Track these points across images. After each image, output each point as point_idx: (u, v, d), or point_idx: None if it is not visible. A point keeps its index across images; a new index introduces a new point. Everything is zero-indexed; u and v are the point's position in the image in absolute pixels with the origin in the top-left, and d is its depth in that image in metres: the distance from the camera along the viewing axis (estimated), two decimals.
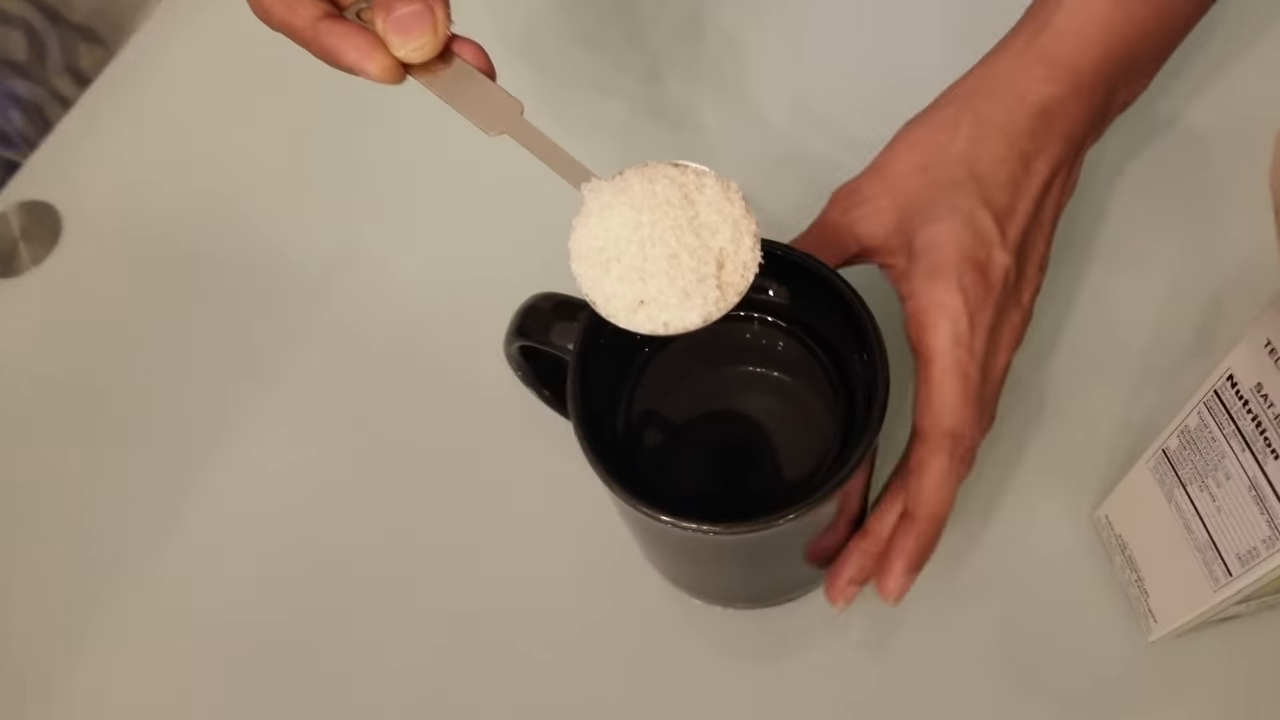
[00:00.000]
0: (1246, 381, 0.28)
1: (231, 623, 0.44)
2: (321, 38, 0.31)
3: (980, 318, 0.35)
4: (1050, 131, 0.37)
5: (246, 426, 0.48)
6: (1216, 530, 0.32)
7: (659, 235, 0.30)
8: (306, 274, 0.50)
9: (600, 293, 0.30)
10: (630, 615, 0.42)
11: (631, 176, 0.31)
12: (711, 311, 0.30)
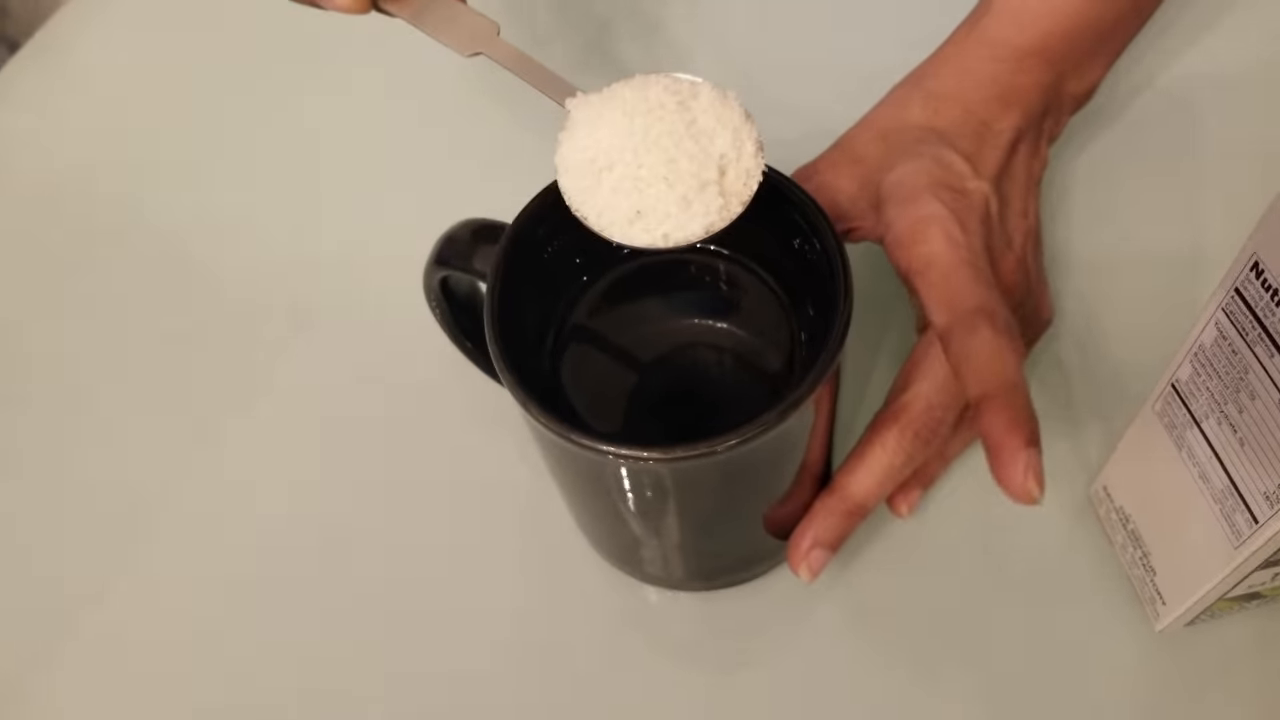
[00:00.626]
0: (1275, 262, 0.24)
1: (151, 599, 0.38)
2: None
3: (971, 228, 0.32)
4: (1004, 103, 0.36)
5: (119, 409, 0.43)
6: (1238, 469, 0.27)
7: (654, 141, 0.27)
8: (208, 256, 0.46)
9: (592, 207, 0.28)
10: (569, 603, 0.37)
11: (620, 87, 0.28)
12: (715, 221, 0.27)
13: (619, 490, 0.30)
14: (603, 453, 0.27)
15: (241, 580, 0.38)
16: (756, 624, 0.36)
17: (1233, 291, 0.25)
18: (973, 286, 0.30)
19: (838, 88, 0.40)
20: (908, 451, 0.32)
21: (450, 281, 0.34)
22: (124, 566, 0.38)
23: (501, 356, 0.28)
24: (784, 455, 0.29)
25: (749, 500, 0.31)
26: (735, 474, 0.29)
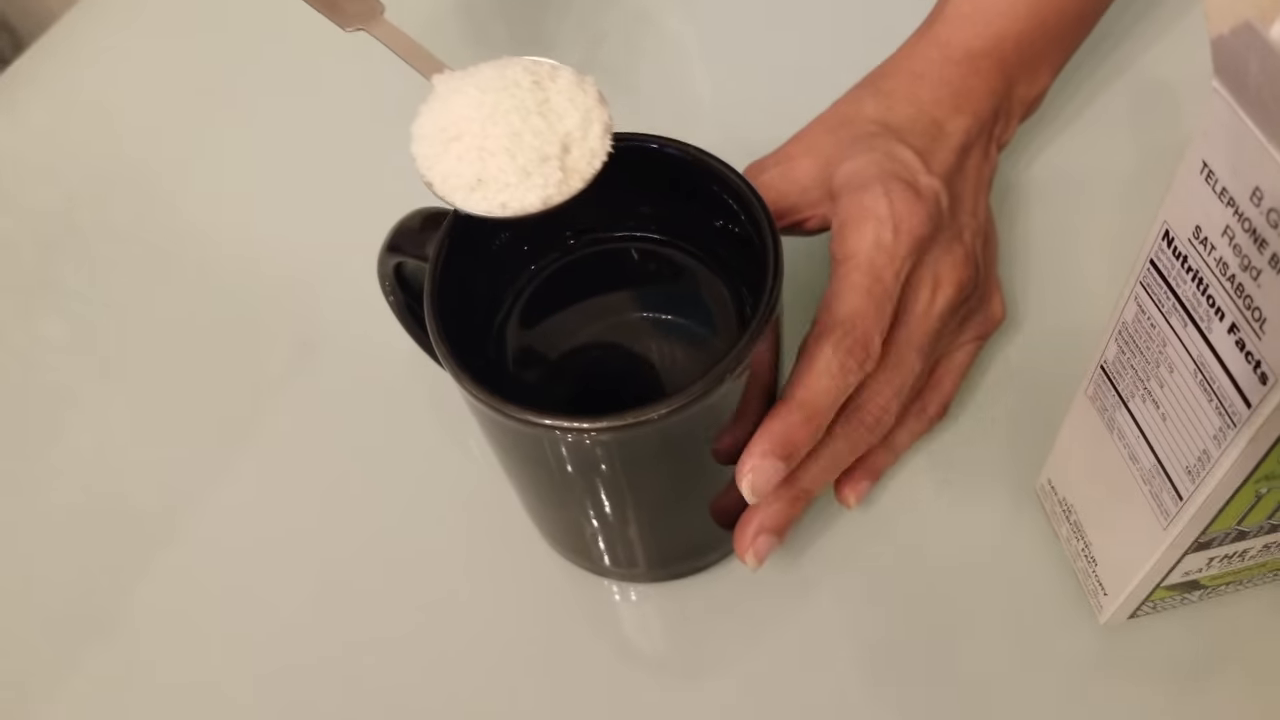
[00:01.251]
0: (1183, 230, 0.24)
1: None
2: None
3: (907, 225, 0.32)
4: (956, 104, 0.37)
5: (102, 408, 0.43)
6: (1162, 446, 0.27)
7: (502, 115, 0.28)
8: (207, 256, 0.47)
9: (437, 172, 0.29)
10: (523, 598, 0.37)
11: (484, 66, 0.29)
12: (552, 195, 0.28)
13: (560, 469, 0.30)
14: (536, 425, 0.27)
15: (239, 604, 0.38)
16: (709, 617, 0.35)
17: (1148, 264, 0.26)
18: (853, 297, 0.31)
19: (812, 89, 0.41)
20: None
21: (405, 271, 0.35)
22: (125, 590, 0.38)
23: (439, 333, 0.29)
24: (721, 428, 0.30)
25: (690, 479, 0.31)
26: (672, 447, 0.29)
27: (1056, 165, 0.44)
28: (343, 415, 0.41)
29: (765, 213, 0.29)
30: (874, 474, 0.36)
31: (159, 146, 0.51)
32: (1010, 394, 0.39)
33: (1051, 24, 0.39)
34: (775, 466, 0.30)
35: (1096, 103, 0.45)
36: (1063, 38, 0.39)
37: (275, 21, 0.54)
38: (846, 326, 0.30)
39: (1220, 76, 0.21)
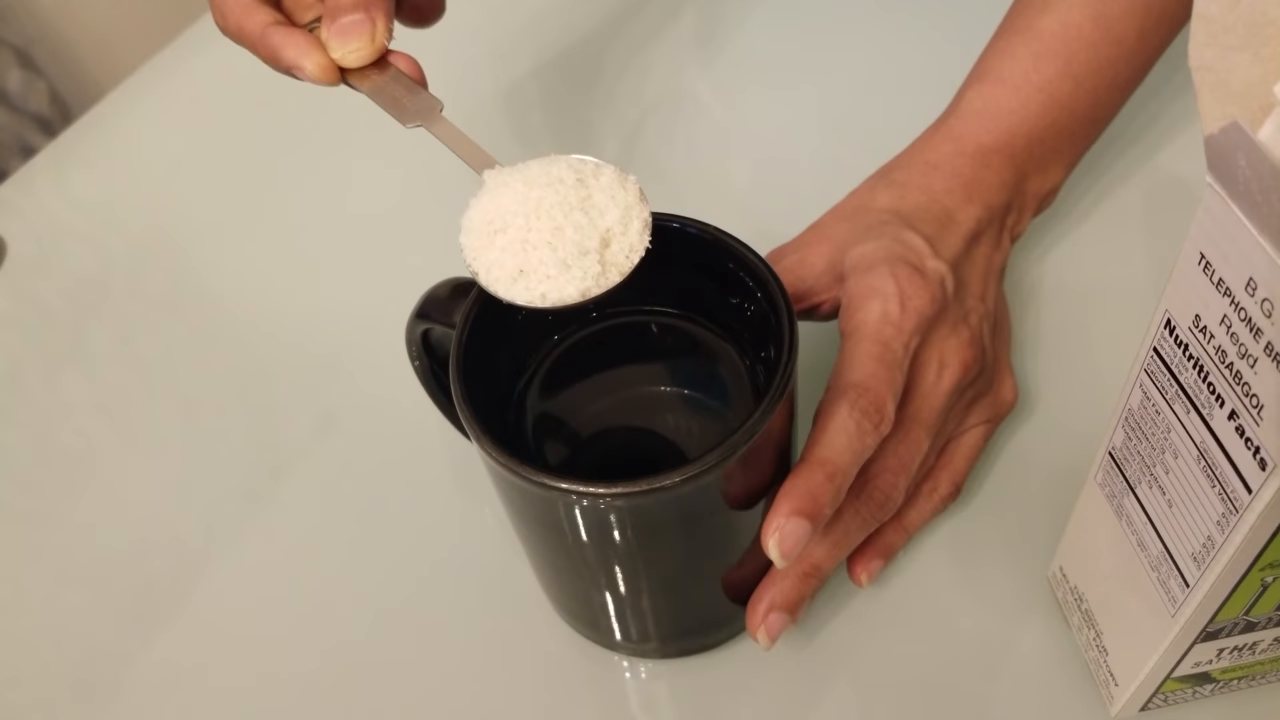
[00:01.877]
0: (1184, 319, 0.25)
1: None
2: (268, 39, 0.34)
3: (913, 303, 0.33)
4: (967, 194, 0.38)
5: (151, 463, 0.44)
6: (1169, 532, 0.27)
7: (546, 209, 0.29)
8: (235, 315, 0.49)
9: (483, 263, 0.30)
10: (533, 670, 0.37)
11: (531, 163, 0.31)
12: (591, 287, 0.29)
13: (574, 535, 0.30)
14: (553, 488, 0.28)
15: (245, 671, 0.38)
16: (719, 696, 0.36)
17: (1151, 352, 0.26)
18: (865, 362, 0.32)
19: (836, 182, 0.42)
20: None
21: (432, 338, 0.36)
22: (135, 655, 0.38)
23: (463, 396, 0.30)
24: (736, 500, 0.30)
25: (703, 551, 0.32)
26: (685, 517, 0.30)
27: (1070, 257, 0.45)
28: (360, 485, 0.42)
29: (781, 290, 0.30)
30: (887, 553, 0.36)
31: (196, 219, 0.53)
32: (1023, 481, 0.39)
33: (1063, 123, 0.40)
34: (802, 527, 0.29)
35: (1110, 198, 0.47)
36: (1075, 136, 0.41)
37: (311, 106, 0.57)
38: (860, 389, 0.31)
39: (1213, 172, 0.22)
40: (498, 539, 0.39)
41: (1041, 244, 0.45)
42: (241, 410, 0.46)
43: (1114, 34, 0.40)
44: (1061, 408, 0.40)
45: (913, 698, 0.35)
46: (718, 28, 0.58)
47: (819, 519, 0.30)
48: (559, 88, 0.56)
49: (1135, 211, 0.46)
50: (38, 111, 1.08)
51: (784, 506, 0.30)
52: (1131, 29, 0.40)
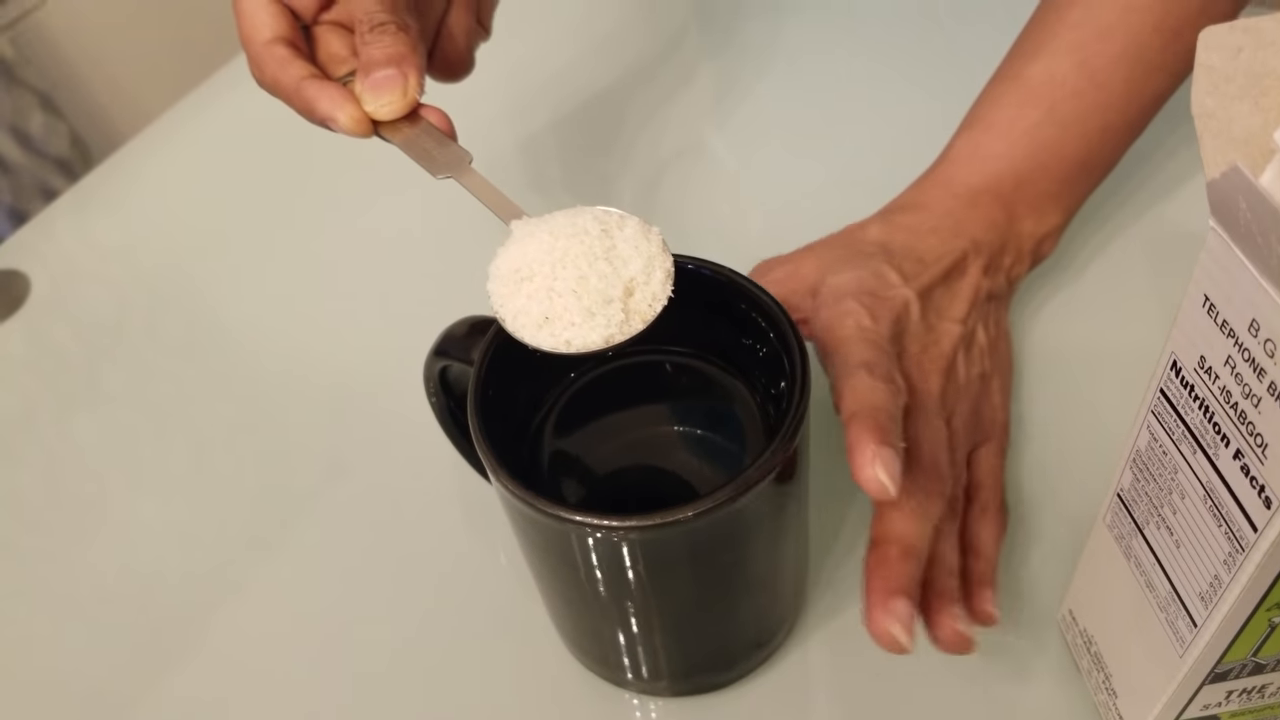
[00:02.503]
0: (1189, 360, 0.25)
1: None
2: (303, 91, 0.35)
3: (881, 321, 0.35)
4: (954, 232, 0.40)
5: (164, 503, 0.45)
6: (1177, 573, 0.28)
7: (572, 259, 0.30)
8: (250, 361, 0.50)
9: (509, 309, 0.30)
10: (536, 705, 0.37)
11: (558, 214, 0.32)
12: (614, 334, 0.30)
13: (587, 569, 0.31)
14: (567, 521, 0.28)
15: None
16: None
17: (1158, 393, 0.27)
18: (863, 351, 0.33)
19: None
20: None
21: (449, 376, 0.36)
22: (139, 699, 0.38)
23: (480, 429, 0.30)
24: (747, 536, 0.30)
25: (715, 588, 0.32)
26: (698, 552, 0.30)
27: (1075, 306, 0.45)
28: (372, 526, 0.43)
29: (794, 329, 0.31)
30: (984, 581, 0.35)
31: (212, 265, 0.54)
32: (1031, 526, 0.39)
33: (1052, 167, 0.41)
34: (889, 452, 0.29)
35: (1113, 249, 0.47)
36: (1069, 180, 0.42)
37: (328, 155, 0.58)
38: (869, 365, 0.32)
39: (1216, 216, 0.22)
40: (510, 579, 0.40)
41: (1044, 291, 0.46)
42: (253, 452, 0.46)
43: (1098, 81, 0.41)
44: (1068, 453, 0.41)
45: None
46: (731, 89, 0.59)
47: (896, 448, 0.30)
48: (578, 142, 0.57)
49: (1139, 262, 0.47)
50: (59, 155, 1.10)
51: (866, 436, 0.30)
52: (1119, 78, 0.41)
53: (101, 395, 0.49)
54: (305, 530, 0.43)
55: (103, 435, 0.48)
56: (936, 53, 0.59)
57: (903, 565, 0.31)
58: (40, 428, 0.48)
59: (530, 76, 0.61)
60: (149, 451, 0.47)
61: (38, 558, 0.43)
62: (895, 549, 0.31)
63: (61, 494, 0.45)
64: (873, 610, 0.30)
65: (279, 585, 0.41)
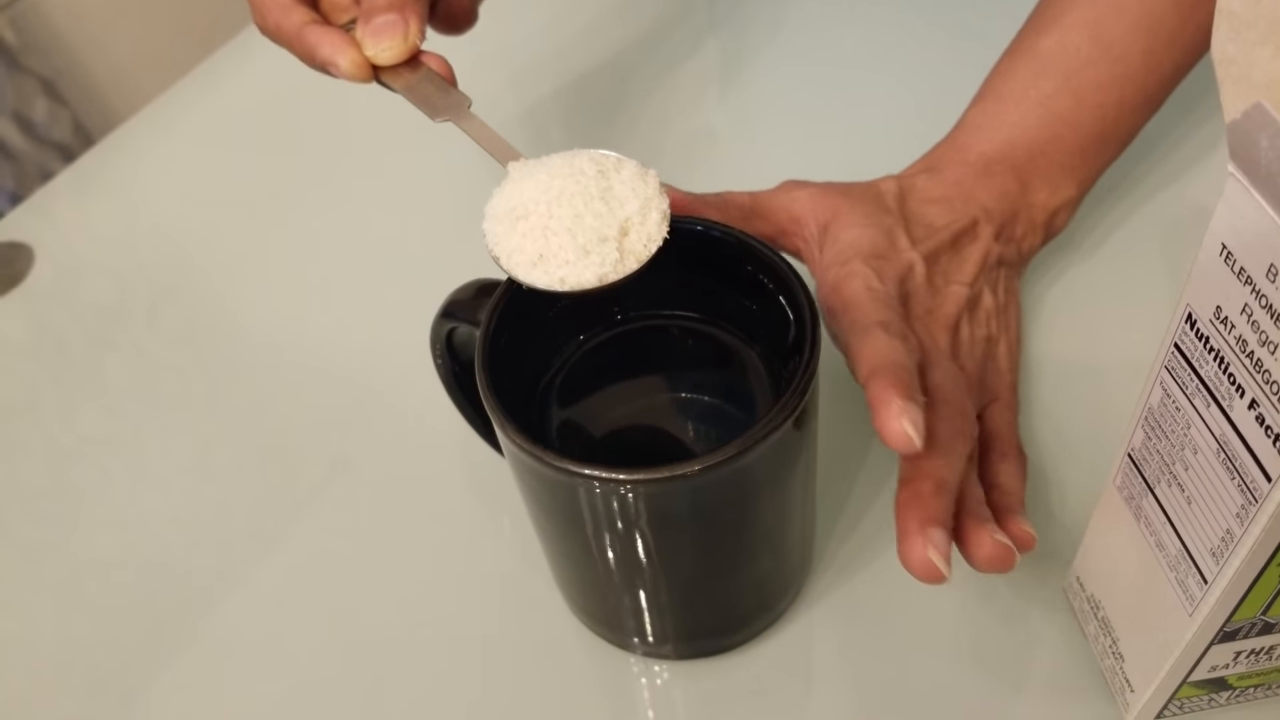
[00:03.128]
0: (1205, 312, 0.25)
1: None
2: (304, 37, 0.35)
3: (888, 281, 0.35)
4: (965, 200, 0.40)
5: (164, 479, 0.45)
6: (1188, 530, 0.28)
7: (567, 198, 0.30)
8: (252, 346, 0.49)
9: (504, 248, 0.31)
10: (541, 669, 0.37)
11: (554, 156, 0.32)
12: (608, 273, 0.30)
13: (594, 525, 0.31)
14: (575, 475, 0.28)
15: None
16: (732, 700, 0.36)
17: (1172, 348, 0.27)
18: (876, 310, 0.33)
19: None
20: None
21: (456, 340, 0.36)
22: (144, 689, 0.38)
23: (488, 386, 0.30)
24: (755, 494, 0.30)
25: (721, 546, 0.32)
26: (705, 508, 0.30)
27: (1086, 279, 0.46)
28: (373, 498, 0.42)
29: (804, 289, 0.31)
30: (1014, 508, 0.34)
31: (214, 250, 0.54)
32: (1038, 496, 0.39)
33: (1067, 138, 0.41)
34: (915, 407, 0.29)
35: (1128, 224, 0.47)
36: (1084, 152, 0.42)
37: (330, 136, 0.58)
38: (883, 323, 0.32)
39: (1235, 160, 0.22)
40: (514, 546, 0.40)
41: (1056, 266, 0.46)
42: (256, 438, 0.46)
43: (1114, 53, 0.41)
44: (1074, 423, 0.41)
45: (927, 707, 0.35)
46: (738, 62, 0.59)
47: (919, 401, 0.30)
48: (582, 115, 0.58)
49: (1153, 236, 0.47)
50: (62, 141, 1.10)
51: (889, 393, 0.29)
52: (1135, 50, 0.41)
53: (101, 384, 0.49)
54: (309, 503, 0.43)
55: (105, 424, 0.47)
56: (947, 30, 0.59)
57: (936, 499, 0.30)
58: (42, 417, 0.48)
59: (534, 48, 0.62)
60: (151, 439, 0.46)
61: (39, 548, 0.43)
62: (928, 484, 0.31)
63: (64, 484, 0.45)
64: (910, 540, 0.29)
65: (283, 563, 0.41)
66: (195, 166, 0.59)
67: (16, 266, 0.55)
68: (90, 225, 0.57)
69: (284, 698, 0.37)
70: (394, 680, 0.37)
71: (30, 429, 0.47)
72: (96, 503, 0.44)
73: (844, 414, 0.40)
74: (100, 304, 0.52)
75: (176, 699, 0.38)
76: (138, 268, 0.54)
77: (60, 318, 0.52)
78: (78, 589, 0.41)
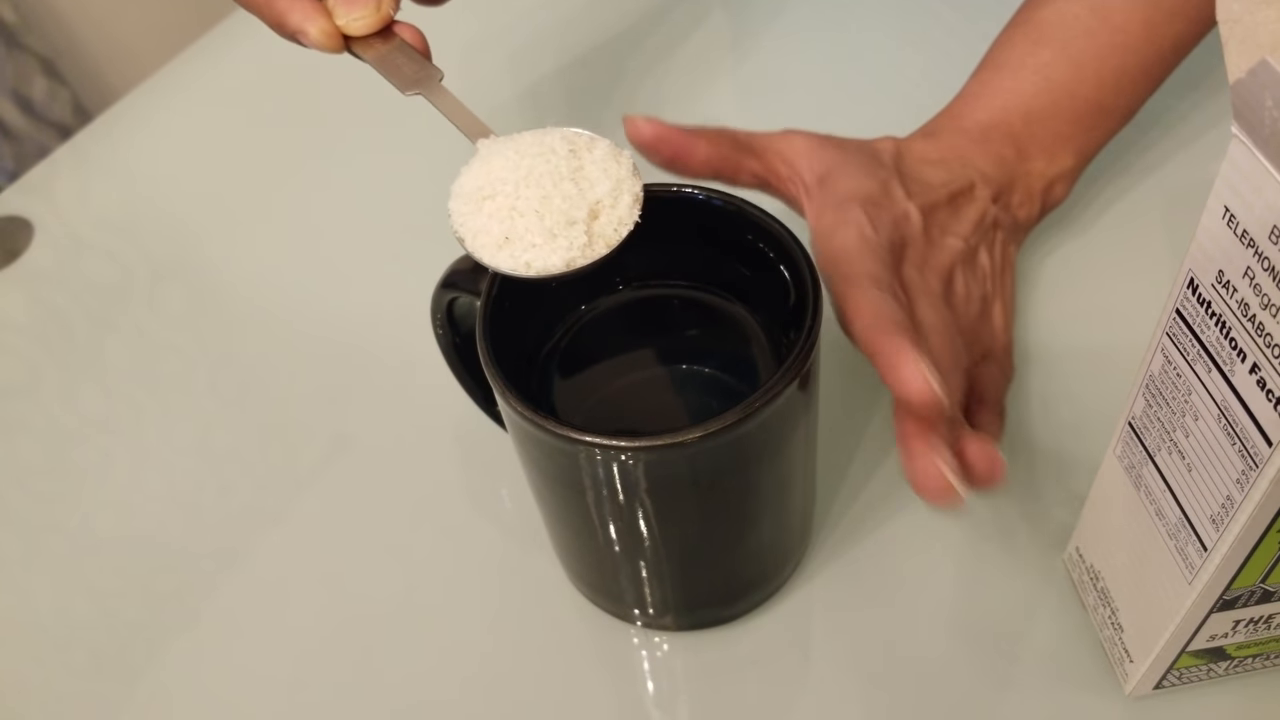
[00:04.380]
0: (1207, 276, 0.25)
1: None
2: (275, 4, 0.35)
3: (882, 229, 0.35)
4: (961, 164, 0.40)
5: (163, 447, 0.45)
6: (1187, 497, 0.28)
7: (536, 178, 0.30)
8: (251, 323, 0.49)
9: (469, 228, 0.30)
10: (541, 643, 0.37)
11: (525, 133, 0.31)
12: (576, 257, 0.29)
13: (595, 493, 0.31)
14: (576, 442, 0.28)
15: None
16: (734, 671, 0.36)
17: (1173, 314, 0.27)
18: (866, 262, 0.33)
19: None
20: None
21: (456, 311, 0.36)
22: (145, 668, 0.38)
23: (489, 354, 0.30)
24: (755, 462, 0.30)
25: (721, 516, 0.32)
26: (703, 476, 0.30)
27: (1086, 253, 0.45)
28: (373, 475, 0.42)
29: (806, 256, 0.31)
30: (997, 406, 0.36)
31: (213, 226, 0.54)
32: (1035, 469, 0.39)
33: (1065, 106, 0.41)
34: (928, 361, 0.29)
35: (1128, 199, 0.47)
36: (1082, 122, 0.42)
37: (328, 112, 0.58)
38: (873, 277, 0.32)
39: (1239, 121, 0.22)
40: (514, 519, 0.40)
41: (1054, 238, 0.46)
42: (256, 415, 0.46)
43: (1114, 23, 0.41)
44: (1072, 395, 0.41)
45: (927, 679, 0.35)
46: (740, 40, 0.59)
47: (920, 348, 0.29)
48: (581, 93, 0.57)
49: (1154, 212, 0.47)
50: (60, 120, 1.09)
51: (899, 342, 0.29)
52: (1136, 20, 0.41)
53: (102, 365, 0.48)
54: (310, 481, 0.43)
55: (104, 406, 0.47)
56: (956, 6, 0.59)
57: (938, 425, 0.30)
58: (43, 395, 0.47)
59: (527, 25, 0.61)
60: (151, 416, 0.46)
61: (39, 527, 0.43)
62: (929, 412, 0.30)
63: (65, 463, 0.45)
64: (918, 459, 0.29)
65: (284, 540, 0.41)
66: (193, 142, 0.59)
67: (16, 242, 0.55)
68: (89, 201, 0.57)
69: (285, 675, 0.37)
70: (394, 654, 0.37)
71: (30, 408, 0.47)
72: (97, 482, 0.44)
73: (845, 385, 0.40)
74: (99, 280, 0.52)
75: (178, 678, 0.38)
76: (136, 244, 0.53)
77: (59, 295, 0.52)
78: (78, 568, 0.41)
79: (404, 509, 0.41)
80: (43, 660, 0.39)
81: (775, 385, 0.28)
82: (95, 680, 0.38)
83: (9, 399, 0.47)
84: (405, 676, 0.37)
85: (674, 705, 0.36)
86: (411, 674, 0.37)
